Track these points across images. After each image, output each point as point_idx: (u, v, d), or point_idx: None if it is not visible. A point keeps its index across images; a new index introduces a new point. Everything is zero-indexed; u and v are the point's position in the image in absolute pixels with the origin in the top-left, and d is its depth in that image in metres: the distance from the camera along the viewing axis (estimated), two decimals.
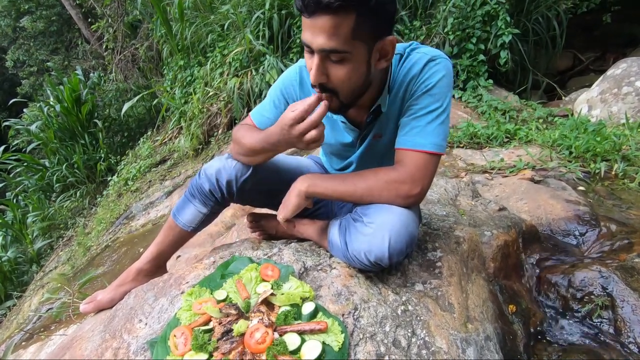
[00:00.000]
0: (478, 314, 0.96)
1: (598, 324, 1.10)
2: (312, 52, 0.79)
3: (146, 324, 0.86)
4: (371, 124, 0.98)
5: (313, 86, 0.85)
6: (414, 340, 0.80)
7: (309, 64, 0.82)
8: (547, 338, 1.11)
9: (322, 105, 0.80)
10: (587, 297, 1.15)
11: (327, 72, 0.80)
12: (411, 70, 0.90)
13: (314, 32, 0.75)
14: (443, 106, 0.89)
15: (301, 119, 0.80)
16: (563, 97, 3.43)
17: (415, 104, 0.90)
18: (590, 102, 2.83)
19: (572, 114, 2.89)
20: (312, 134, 0.80)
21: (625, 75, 2.74)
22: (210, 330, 0.77)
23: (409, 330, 0.82)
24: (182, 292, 0.91)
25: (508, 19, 3.09)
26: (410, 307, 0.88)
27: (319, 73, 0.80)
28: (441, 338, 0.82)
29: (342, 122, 0.99)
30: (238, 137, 1.02)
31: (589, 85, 3.12)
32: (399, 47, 0.92)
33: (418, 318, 0.86)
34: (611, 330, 1.07)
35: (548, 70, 3.85)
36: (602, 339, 1.06)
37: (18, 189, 5.94)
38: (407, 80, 0.90)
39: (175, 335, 0.76)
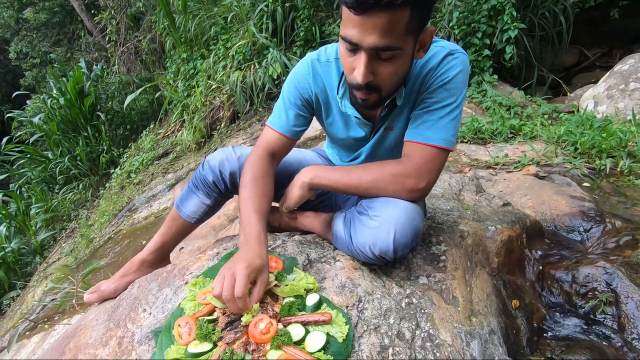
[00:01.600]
0: (482, 308, 0.96)
1: (601, 320, 1.09)
2: (354, 50, 0.75)
3: (150, 313, 0.86)
4: (385, 117, 0.96)
5: (355, 87, 0.81)
6: (418, 332, 0.80)
7: (348, 62, 0.78)
8: (550, 333, 1.11)
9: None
10: (590, 293, 1.14)
11: (375, 70, 0.76)
12: (429, 63, 0.88)
13: (366, 29, 0.70)
14: (457, 102, 0.87)
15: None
16: (568, 93, 3.40)
17: (429, 97, 0.88)
18: (596, 98, 2.80)
19: (577, 110, 2.86)
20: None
21: (633, 71, 2.71)
22: (215, 320, 0.78)
23: (413, 323, 0.82)
24: (186, 283, 0.91)
25: (514, 13, 3.05)
26: (414, 300, 0.88)
27: (367, 72, 0.75)
28: (445, 331, 0.82)
29: (356, 117, 0.97)
30: (244, 168, 0.99)
31: (595, 82, 3.08)
32: None
33: (422, 311, 0.85)
34: (615, 327, 1.07)
35: (553, 66, 3.81)
36: (605, 335, 1.06)
37: (21, 180, 5.97)
38: (424, 72, 0.88)
39: (179, 325, 0.76)
